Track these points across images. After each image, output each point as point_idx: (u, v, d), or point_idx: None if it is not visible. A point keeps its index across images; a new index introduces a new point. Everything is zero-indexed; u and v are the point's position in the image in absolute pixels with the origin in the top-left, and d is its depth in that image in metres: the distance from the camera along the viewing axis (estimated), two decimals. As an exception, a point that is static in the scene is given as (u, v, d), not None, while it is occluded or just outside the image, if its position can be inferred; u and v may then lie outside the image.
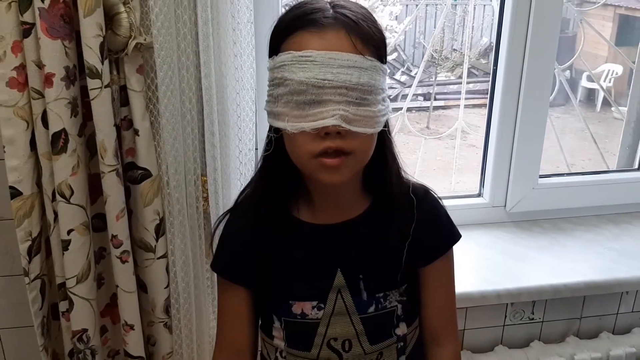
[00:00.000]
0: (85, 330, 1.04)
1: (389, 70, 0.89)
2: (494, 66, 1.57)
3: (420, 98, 5.29)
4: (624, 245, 1.59)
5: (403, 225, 0.96)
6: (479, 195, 1.68)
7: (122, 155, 1.03)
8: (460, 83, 4.45)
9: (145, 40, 0.98)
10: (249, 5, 1.09)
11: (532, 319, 1.50)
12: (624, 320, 1.56)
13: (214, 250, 1.03)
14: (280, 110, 0.84)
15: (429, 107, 5.17)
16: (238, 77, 1.10)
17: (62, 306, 1.05)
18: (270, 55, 0.87)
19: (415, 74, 5.32)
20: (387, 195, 0.95)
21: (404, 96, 4.96)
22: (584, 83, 5.00)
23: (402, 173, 0.98)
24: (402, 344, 1.01)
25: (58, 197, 0.96)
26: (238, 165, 1.14)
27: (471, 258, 1.51)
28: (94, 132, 0.99)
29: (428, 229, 0.98)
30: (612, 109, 4.31)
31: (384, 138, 0.92)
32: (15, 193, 0.98)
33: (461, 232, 1.05)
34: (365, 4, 1.39)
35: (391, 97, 1.06)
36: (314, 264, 0.96)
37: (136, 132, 1.02)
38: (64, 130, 0.94)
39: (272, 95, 0.85)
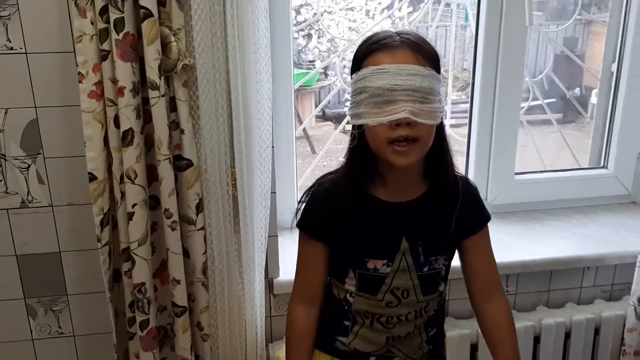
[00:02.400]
0: (143, 284, 1.35)
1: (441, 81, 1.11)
2: (472, 82, 1.88)
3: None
4: (588, 231, 1.86)
5: (452, 203, 1.18)
6: (464, 190, 1.97)
7: (171, 149, 1.35)
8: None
9: (189, 62, 1.30)
10: (267, 34, 1.40)
11: (507, 291, 1.77)
12: (587, 293, 1.83)
13: (299, 215, 1.24)
14: (362, 111, 1.07)
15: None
16: (258, 89, 1.41)
17: (125, 266, 1.36)
18: (352, 73, 1.12)
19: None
20: (442, 180, 1.17)
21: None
22: (594, 100, 5.21)
23: (454, 164, 1.20)
24: (440, 298, 1.25)
25: (125, 179, 1.28)
26: (258, 158, 1.44)
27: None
28: (150, 132, 1.31)
29: (470, 207, 1.21)
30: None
31: (441, 134, 1.14)
32: (92, 177, 1.30)
33: None
34: (378, 28, 1.71)
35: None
36: (386, 231, 1.18)
37: (182, 132, 1.34)
38: (131, 129, 1.26)
39: (354, 102, 1.10)
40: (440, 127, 1.14)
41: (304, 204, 1.22)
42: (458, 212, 1.19)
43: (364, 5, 3.81)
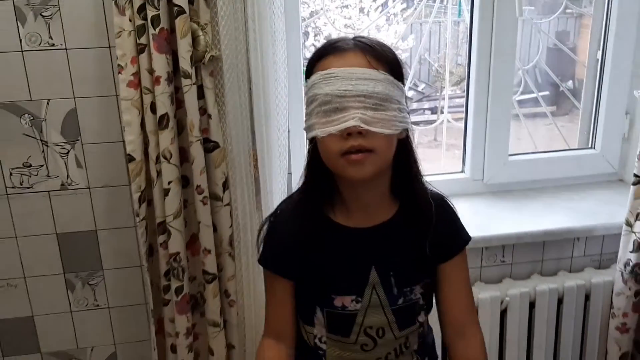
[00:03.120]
0: (178, 253, 1.50)
1: (406, 89, 1.03)
2: (467, 73, 2.03)
3: (428, 112, 5.71)
4: (578, 206, 2.01)
5: (426, 225, 1.08)
6: (462, 171, 2.13)
7: (201, 132, 1.50)
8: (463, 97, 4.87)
9: (215, 53, 1.46)
10: (282, 29, 1.55)
11: (503, 261, 1.93)
12: (577, 262, 1.98)
13: (260, 248, 1.16)
14: (312, 122, 0.99)
15: (435, 120, 5.59)
16: (276, 78, 1.56)
17: (161, 239, 1.51)
18: (306, 78, 1.05)
19: (422, 89, 5.70)
20: (411, 200, 1.07)
21: (412, 110, 5.38)
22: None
23: (423, 180, 1.10)
24: (422, 329, 1.16)
25: (162, 159, 1.44)
26: (276, 140, 1.60)
27: (466, 220, 1.95)
28: (181, 117, 1.47)
29: (446, 229, 1.11)
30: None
31: (407, 148, 1.06)
32: (130, 159, 1.45)
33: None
34: (374, 26, 1.85)
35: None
36: (352, 262, 1.07)
37: (209, 116, 1.49)
38: (166, 114, 1.41)
39: (307, 113, 1.02)
40: (406, 140, 1.05)
41: (264, 236, 1.14)
42: (433, 234, 1.09)
43: (358, 3, 3.94)
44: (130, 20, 1.39)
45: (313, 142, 1.04)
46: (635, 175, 1.74)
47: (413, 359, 1.15)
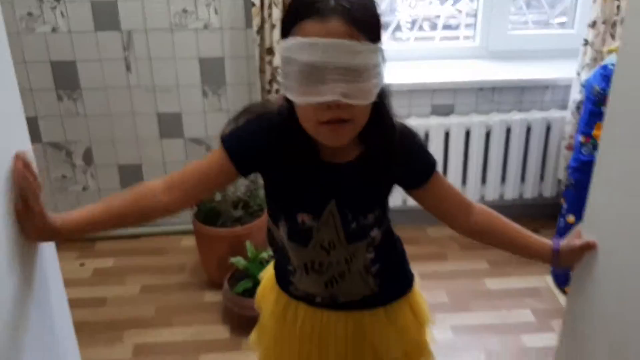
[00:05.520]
0: (277, 67, 2.43)
1: (383, 46, 0.99)
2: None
3: None
4: (550, 65, 2.83)
5: (386, 167, 1.12)
6: (473, 39, 2.96)
7: None
8: None
9: None
10: None
11: (492, 100, 2.78)
12: (547, 104, 2.81)
13: (228, 130, 1.12)
14: (290, 84, 0.98)
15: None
16: None
17: (267, 58, 2.44)
18: (282, 36, 1.01)
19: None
20: (376, 145, 1.09)
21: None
22: None
23: (394, 123, 1.10)
24: (372, 240, 1.19)
25: (273, 6, 2.35)
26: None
27: (467, 73, 2.82)
28: None
29: (411, 160, 1.14)
30: None
31: (381, 104, 1.04)
32: (252, 4, 2.36)
33: (462, 63, 2.32)
34: None
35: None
36: (315, 190, 1.12)
37: None
38: None
39: (284, 71, 0.99)
40: (381, 93, 1.03)
41: (238, 125, 1.12)
42: (398, 168, 1.13)
43: None
44: None
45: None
46: (585, 40, 2.53)
47: (367, 264, 1.22)
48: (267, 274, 1.40)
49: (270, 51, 2.42)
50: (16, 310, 0.98)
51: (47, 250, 1.13)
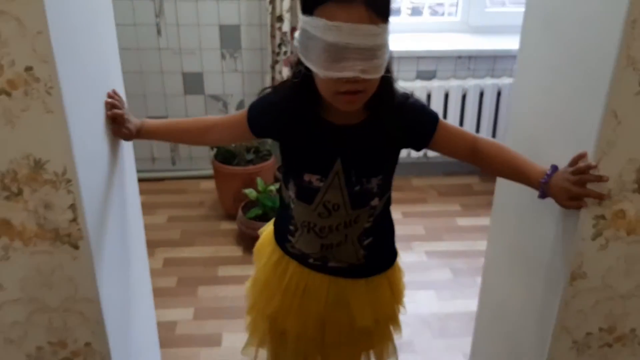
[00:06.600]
0: (286, 32, 2.89)
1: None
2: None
3: None
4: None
5: (390, 132, 1.22)
6: (455, 15, 3.40)
7: None
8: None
9: None
10: None
11: (469, 67, 3.23)
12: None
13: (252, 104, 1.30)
14: (312, 58, 1.08)
15: None
16: None
17: (277, 25, 2.90)
18: (303, 11, 1.10)
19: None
20: (381, 110, 1.20)
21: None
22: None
23: (397, 91, 1.21)
24: (373, 211, 1.29)
25: (283, -20, 2.80)
26: None
27: (448, 44, 3.28)
28: None
29: (414, 120, 1.23)
30: None
31: (386, 76, 1.14)
32: (266, -20, 2.81)
33: (445, 36, 2.74)
34: None
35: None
36: (323, 150, 1.22)
37: None
38: None
39: (305, 44, 1.09)
40: (387, 67, 1.13)
41: (262, 96, 1.30)
42: (402, 131, 1.22)
43: None
44: None
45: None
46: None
47: (361, 234, 1.31)
48: (266, 231, 1.51)
49: (280, 19, 2.88)
50: (107, 183, 1.41)
51: (126, 148, 1.60)
